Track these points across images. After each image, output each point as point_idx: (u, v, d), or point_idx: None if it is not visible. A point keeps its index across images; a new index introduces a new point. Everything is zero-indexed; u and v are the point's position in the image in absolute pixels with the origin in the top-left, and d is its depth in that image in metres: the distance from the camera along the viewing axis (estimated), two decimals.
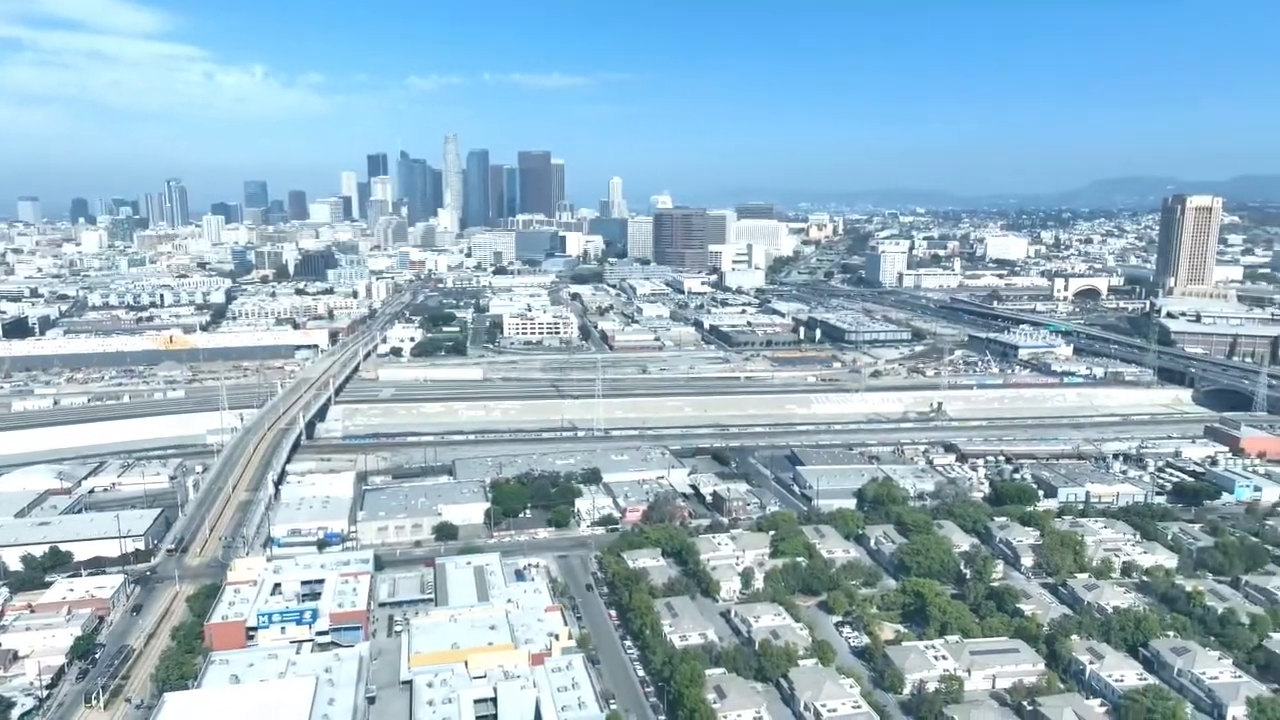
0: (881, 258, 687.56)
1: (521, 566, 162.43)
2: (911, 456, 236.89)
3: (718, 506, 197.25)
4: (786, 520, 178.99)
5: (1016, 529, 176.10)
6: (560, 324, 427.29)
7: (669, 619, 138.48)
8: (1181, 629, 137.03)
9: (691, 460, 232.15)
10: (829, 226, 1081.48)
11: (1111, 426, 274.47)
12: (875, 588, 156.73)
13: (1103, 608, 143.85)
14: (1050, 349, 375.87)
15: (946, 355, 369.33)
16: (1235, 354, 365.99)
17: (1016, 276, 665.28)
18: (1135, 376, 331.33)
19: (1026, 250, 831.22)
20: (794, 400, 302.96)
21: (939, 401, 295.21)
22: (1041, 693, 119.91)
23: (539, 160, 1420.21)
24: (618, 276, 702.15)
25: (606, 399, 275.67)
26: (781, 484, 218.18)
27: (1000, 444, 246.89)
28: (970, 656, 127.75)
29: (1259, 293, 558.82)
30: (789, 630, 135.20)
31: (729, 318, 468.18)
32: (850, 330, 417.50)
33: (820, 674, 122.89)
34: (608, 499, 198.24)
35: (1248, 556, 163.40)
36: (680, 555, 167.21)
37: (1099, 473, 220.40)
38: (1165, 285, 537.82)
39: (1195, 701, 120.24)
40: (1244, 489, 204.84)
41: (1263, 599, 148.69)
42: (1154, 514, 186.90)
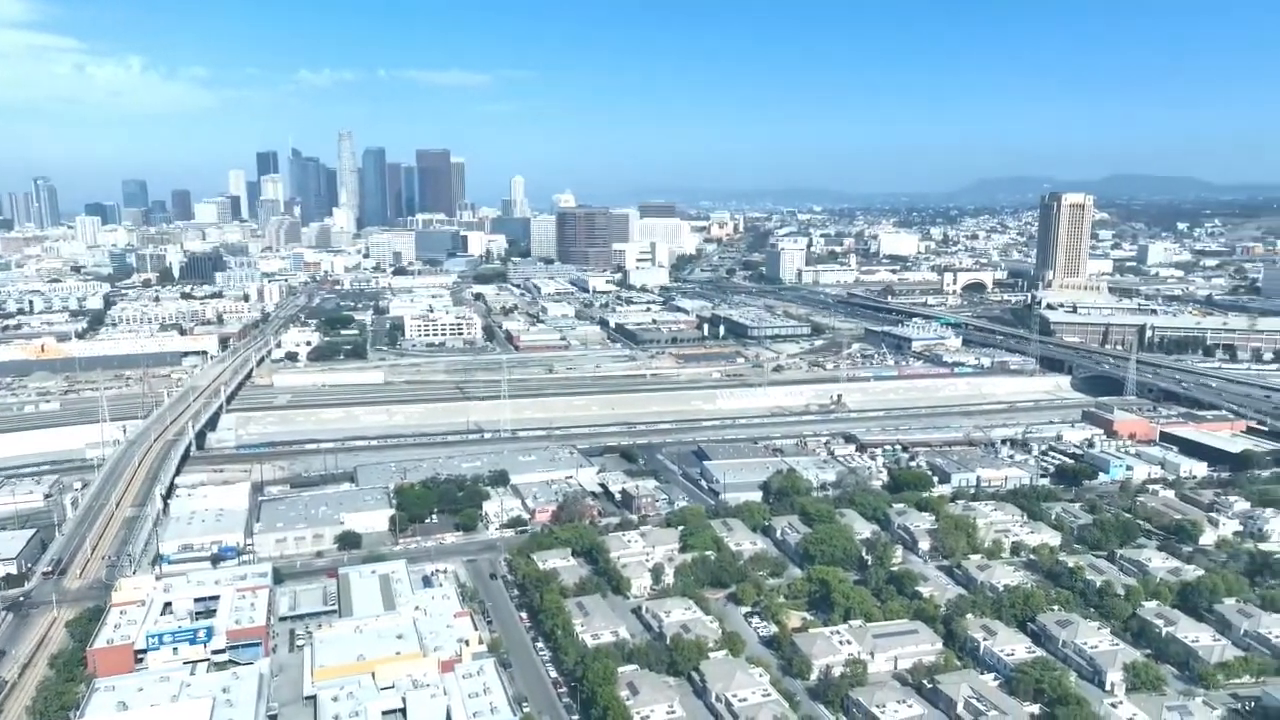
0: (781, 255, 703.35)
1: (429, 572, 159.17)
2: (814, 448, 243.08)
3: (627, 504, 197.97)
4: (695, 515, 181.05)
5: (914, 514, 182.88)
6: (464, 325, 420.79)
7: (580, 618, 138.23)
8: (1065, 603, 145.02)
9: (600, 459, 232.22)
10: (730, 224, 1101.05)
11: (999, 413, 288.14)
12: (782, 577, 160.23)
13: (994, 586, 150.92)
14: (941, 341, 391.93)
15: (845, 349, 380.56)
16: (1108, 342, 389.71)
17: (909, 272, 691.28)
18: (1019, 365, 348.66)
19: (918, 246, 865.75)
20: (700, 396, 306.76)
21: (839, 394, 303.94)
22: (940, 671, 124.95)
23: (438, 159, 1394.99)
24: (522, 276, 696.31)
25: (513, 400, 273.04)
26: (689, 479, 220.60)
27: (897, 433, 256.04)
28: (873, 640, 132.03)
29: (1128, 284, 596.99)
30: (699, 623, 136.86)
31: (634, 316, 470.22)
32: (753, 326, 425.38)
33: (731, 665, 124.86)
34: (516, 500, 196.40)
35: (1122, 532, 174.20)
36: (590, 554, 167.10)
37: (988, 458, 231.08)
38: (1044, 278, 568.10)
39: (1078, 670, 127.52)
40: (1118, 468, 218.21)
41: (1135, 570, 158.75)
42: (1039, 495, 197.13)
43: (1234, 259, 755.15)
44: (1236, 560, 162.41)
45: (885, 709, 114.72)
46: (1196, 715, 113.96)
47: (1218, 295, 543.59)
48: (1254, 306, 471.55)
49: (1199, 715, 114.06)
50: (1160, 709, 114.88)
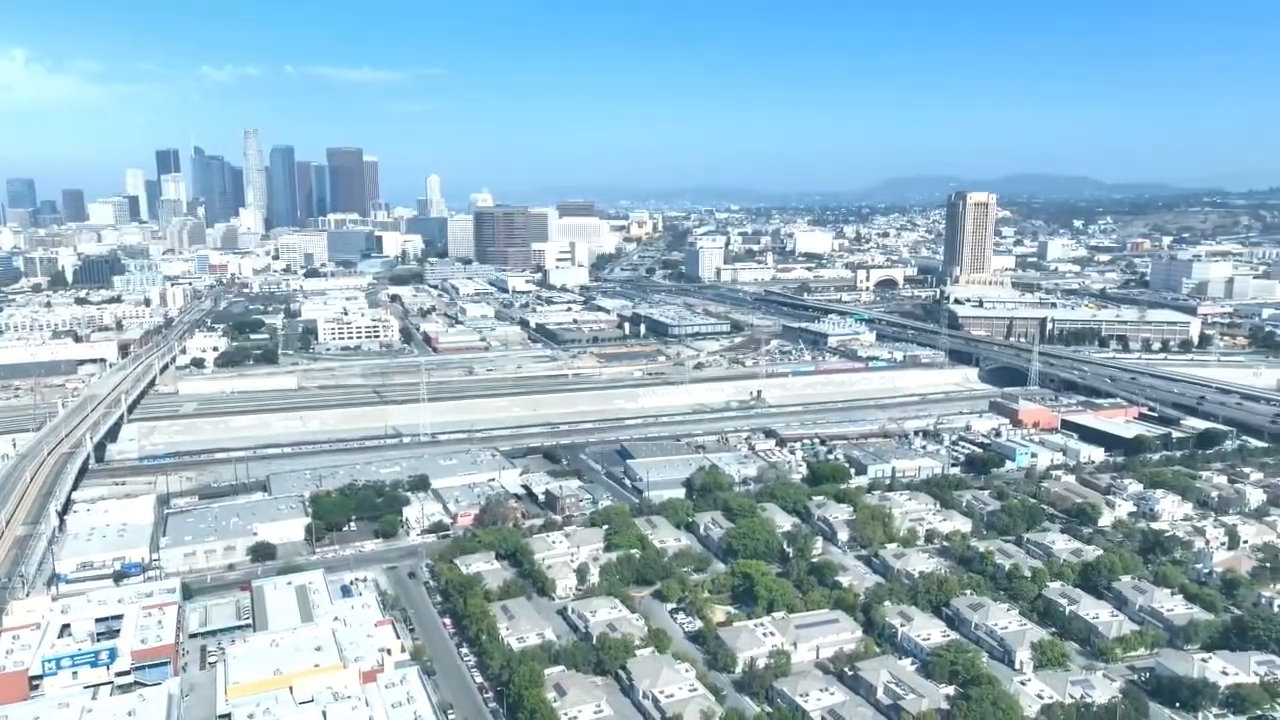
0: (700, 253, 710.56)
1: (348, 582, 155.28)
2: (735, 443, 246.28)
3: (551, 505, 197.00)
4: (619, 514, 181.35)
5: (832, 506, 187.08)
6: (380, 327, 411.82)
7: (505, 622, 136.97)
8: (977, 587, 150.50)
9: (523, 460, 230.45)
10: (649, 223, 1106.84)
11: (911, 406, 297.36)
12: (706, 573, 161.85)
13: (910, 574, 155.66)
14: (856, 336, 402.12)
15: (763, 345, 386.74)
16: (1012, 335, 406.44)
17: (824, 269, 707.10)
18: (930, 359, 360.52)
19: (832, 244, 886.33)
20: (622, 395, 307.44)
21: (758, 390, 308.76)
22: (860, 658, 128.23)
23: (350, 157, 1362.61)
24: (439, 277, 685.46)
25: (432, 403, 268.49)
26: (613, 478, 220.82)
27: (815, 427, 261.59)
28: (796, 630, 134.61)
29: (1029, 279, 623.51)
30: (625, 622, 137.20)
31: (555, 316, 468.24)
32: (673, 324, 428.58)
33: (657, 662, 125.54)
34: (437, 505, 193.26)
35: (1028, 516, 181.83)
36: (515, 556, 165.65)
37: (902, 449, 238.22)
38: (952, 275, 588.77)
39: (990, 650, 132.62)
40: (1023, 456, 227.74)
41: (1041, 553, 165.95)
42: (950, 484, 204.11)
43: (1125, 254, 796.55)
44: (1131, 539, 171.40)
45: (808, 698, 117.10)
46: (1097, 688, 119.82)
47: (1111, 289, 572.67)
48: (1143, 299, 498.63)
49: (1099, 688, 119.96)
50: (1065, 684, 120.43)
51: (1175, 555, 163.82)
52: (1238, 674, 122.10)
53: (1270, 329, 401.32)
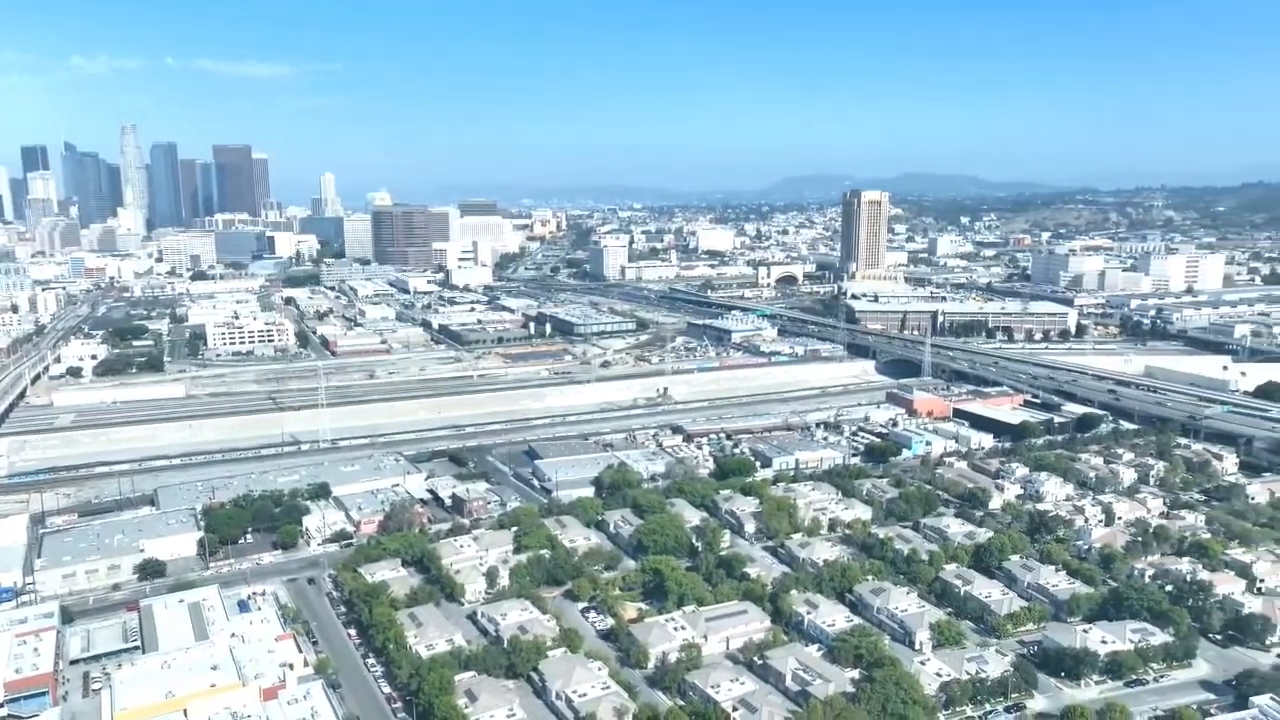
0: (604, 252, 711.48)
1: (245, 596, 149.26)
2: (643, 440, 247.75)
3: (458, 508, 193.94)
4: (528, 515, 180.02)
5: (739, 499, 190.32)
6: (274, 331, 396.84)
7: (414, 629, 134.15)
8: (878, 572, 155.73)
9: (428, 464, 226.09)
10: (553, 222, 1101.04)
11: (813, 398, 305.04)
12: (617, 570, 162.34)
13: (815, 562, 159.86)
14: (758, 332, 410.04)
15: (669, 343, 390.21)
16: (906, 328, 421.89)
17: (726, 266, 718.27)
18: (830, 353, 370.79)
19: (733, 242, 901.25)
20: (529, 395, 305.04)
21: (665, 386, 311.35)
22: (769, 647, 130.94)
23: (238, 155, 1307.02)
24: (336, 278, 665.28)
25: (332, 408, 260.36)
26: (521, 479, 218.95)
27: (721, 422, 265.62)
28: (706, 623, 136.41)
29: (921, 274, 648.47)
30: (537, 623, 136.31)
31: (458, 316, 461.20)
32: (579, 323, 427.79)
33: (569, 661, 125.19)
34: (339, 513, 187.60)
35: (924, 502, 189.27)
36: (422, 562, 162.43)
37: (805, 441, 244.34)
38: (849, 270, 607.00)
39: (891, 633, 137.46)
40: (918, 444, 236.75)
41: (937, 537, 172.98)
42: (851, 474, 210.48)
43: (1008, 250, 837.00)
44: (1019, 520, 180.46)
45: (719, 689, 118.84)
46: (991, 663, 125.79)
47: (996, 283, 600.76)
48: (1025, 292, 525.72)
49: (993, 663, 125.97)
50: (961, 661, 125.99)
51: (1058, 534, 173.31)
52: (1115, 642, 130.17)
53: (1138, 319, 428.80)
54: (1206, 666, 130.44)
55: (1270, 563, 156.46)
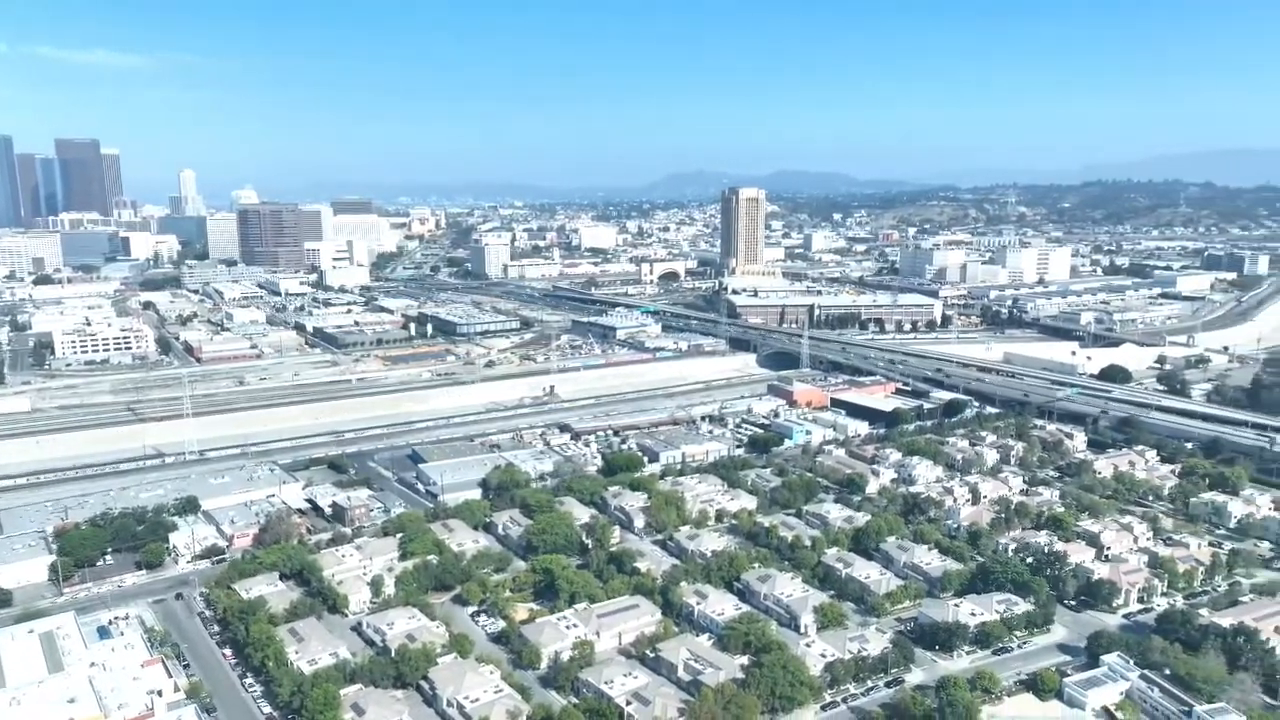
0: (486, 250, 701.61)
1: (106, 622, 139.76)
2: (530, 440, 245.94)
3: (339, 517, 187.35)
4: (413, 520, 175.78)
5: (628, 495, 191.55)
6: (132, 337, 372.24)
7: (295, 645, 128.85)
8: (764, 560, 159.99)
9: (306, 472, 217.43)
10: (431, 220, 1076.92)
11: (698, 392, 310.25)
12: (507, 572, 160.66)
13: (703, 553, 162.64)
14: (643, 328, 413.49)
15: (554, 340, 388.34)
16: (784, 322, 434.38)
17: (609, 264, 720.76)
18: (713, 347, 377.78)
19: (616, 239, 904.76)
20: (411, 398, 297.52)
21: (551, 385, 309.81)
22: (660, 639, 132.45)
23: (85, 149, 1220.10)
24: (200, 280, 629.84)
25: (198, 417, 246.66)
26: (405, 484, 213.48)
27: (608, 419, 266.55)
28: (598, 620, 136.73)
29: (797, 269, 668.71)
30: (425, 630, 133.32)
31: (334, 318, 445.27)
32: (461, 323, 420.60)
33: (460, 667, 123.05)
34: (210, 528, 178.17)
35: (806, 490, 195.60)
36: (302, 575, 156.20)
37: (691, 435, 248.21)
38: (729, 266, 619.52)
39: (778, 618, 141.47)
40: (799, 434, 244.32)
41: (818, 522, 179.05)
42: (736, 465, 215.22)
43: (877, 245, 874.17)
44: (894, 503, 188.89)
45: (613, 684, 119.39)
46: (871, 642, 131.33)
47: (867, 276, 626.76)
48: (895, 285, 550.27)
49: (873, 641, 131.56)
50: (844, 641, 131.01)
51: (930, 514, 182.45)
52: (983, 614, 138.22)
53: (996, 309, 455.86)
54: (1063, 631, 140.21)
55: (1115, 531, 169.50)
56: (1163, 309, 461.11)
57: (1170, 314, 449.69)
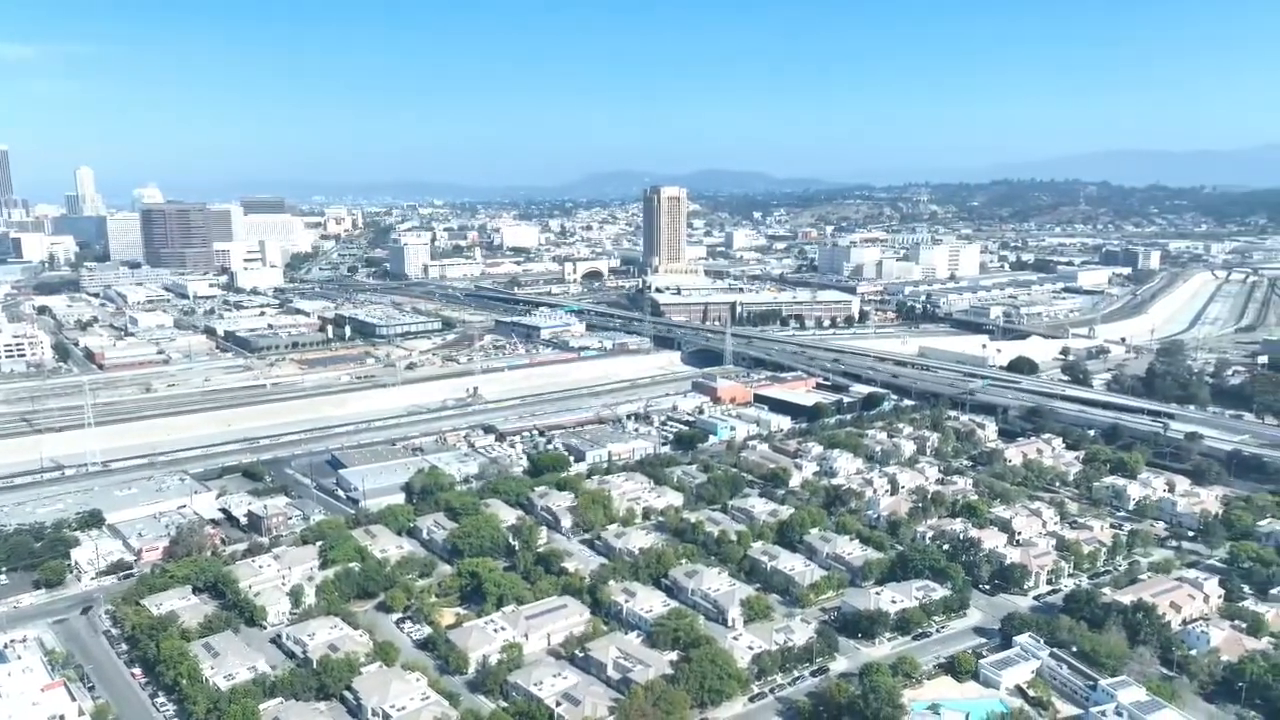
0: (405, 250, 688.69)
1: (1, 645, 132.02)
2: (454, 442, 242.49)
3: (255, 526, 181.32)
4: (334, 527, 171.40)
5: (555, 495, 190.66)
6: (26, 344, 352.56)
7: (210, 660, 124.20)
8: (691, 555, 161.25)
9: (219, 481, 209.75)
10: (348, 220, 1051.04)
11: (623, 391, 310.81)
12: (432, 576, 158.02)
13: (631, 551, 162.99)
14: (567, 327, 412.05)
15: (477, 341, 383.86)
16: (707, 319, 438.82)
17: (532, 263, 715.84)
18: (637, 346, 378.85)
19: (538, 238, 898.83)
20: (330, 402, 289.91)
21: (474, 386, 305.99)
22: (590, 638, 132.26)
23: None
24: (101, 284, 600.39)
25: (101, 427, 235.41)
26: (325, 490, 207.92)
27: (533, 419, 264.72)
28: (526, 621, 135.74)
29: (719, 267, 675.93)
30: (348, 639, 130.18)
31: (247, 321, 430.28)
32: (381, 324, 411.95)
33: (385, 676, 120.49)
34: (115, 542, 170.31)
35: (731, 485, 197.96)
36: (217, 588, 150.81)
37: (617, 433, 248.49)
38: (652, 264, 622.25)
39: (706, 613, 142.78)
40: (724, 430, 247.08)
41: (744, 517, 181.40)
42: (662, 462, 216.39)
43: (797, 242, 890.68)
44: (817, 496, 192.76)
45: (542, 686, 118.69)
46: (797, 632, 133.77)
47: (788, 274, 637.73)
48: (814, 282, 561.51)
49: (799, 631, 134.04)
50: (771, 633, 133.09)
51: (851, 506, 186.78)
52: (903, 601, 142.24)
53: (911, 304, 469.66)
54: (979, 614, 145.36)
55: (1025, 517, 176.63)
56: (1065, 303, 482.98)
57: (1072, 307, 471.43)
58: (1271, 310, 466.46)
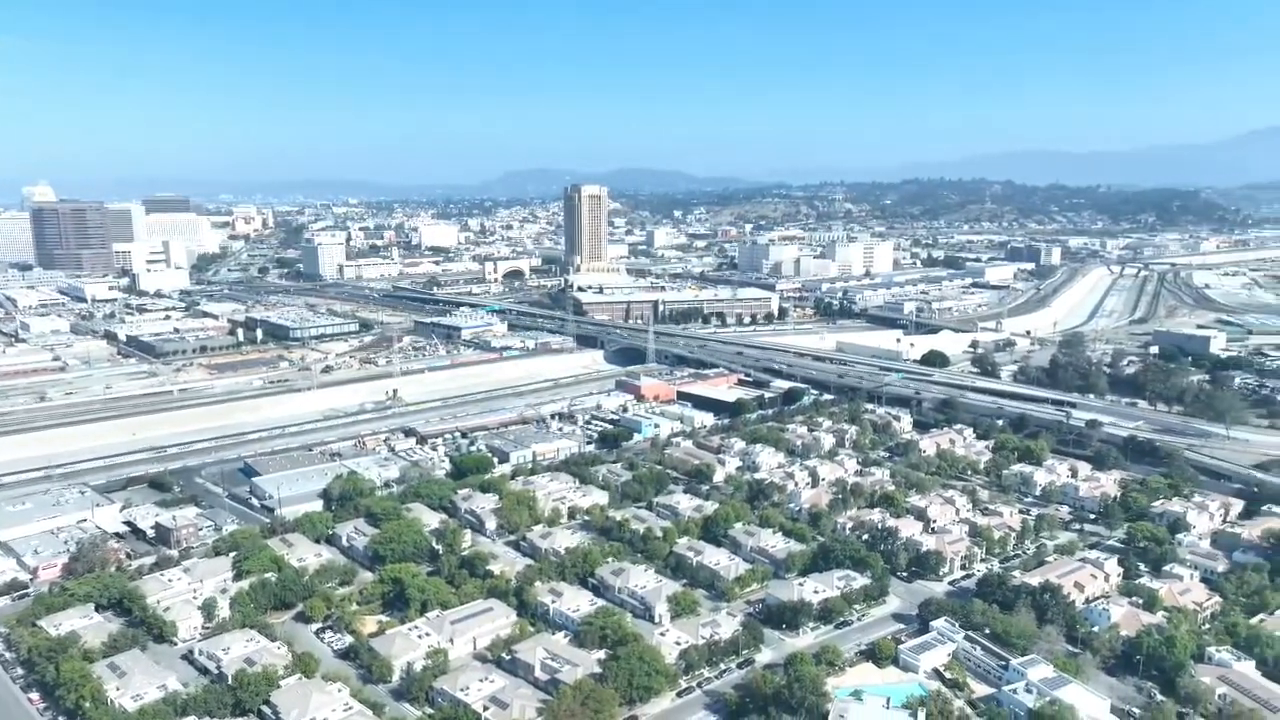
0: (319, 250, 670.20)
1: None
2: (374, 446, 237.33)
3: (164, 539, 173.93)
4: (248, 536, 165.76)
5: (479, 497, 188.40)
6: None
7: (115, 681, 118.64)
8: (618, 554, 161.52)
9: (124, 493, 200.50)
10: (258, 219, 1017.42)
11: (546, 391, 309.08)
12: (353, 584, 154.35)
13: (557, 551, 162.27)
14: (488, 327, 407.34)
15: (396, 343, 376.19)
16: (630, 318, 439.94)
17: (452, 262, 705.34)
18: (560, 345, 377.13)
19: (458, 238, 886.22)
20: (242, 407, 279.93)
21: (394, 388, 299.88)
22: (516, 641, 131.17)
23: None
24: None
25: None
26: (238, 499, 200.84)
27: (455, 421, 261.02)
28: (451, 626, 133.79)
29: (641, 266, 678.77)
30: (266, 652, 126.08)
31: (151, 325, 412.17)
32: (295, 327, 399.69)
33: (305, 688, 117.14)
34: (9, 560, 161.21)
35: (656, 482, 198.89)
36: (122, 604, 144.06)
37: (541, 433, 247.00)
38: (574, 263, 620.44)
39: (633, 610, 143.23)
40: (648, 428, 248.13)
41: (669, 513, 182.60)
42: (587, 461, 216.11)
43: (717, 240, 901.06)
44: (740, 490, 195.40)
45: (469, 690, 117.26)
46: (723, 626, 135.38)
47: (708, 272, 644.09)
48: (734, 280, 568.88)
49: (724, 625, 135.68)
50: (697, 628, 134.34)
51: (774, 499, 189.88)
52: (825, 591, 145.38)
53: (829, 300, 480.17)
54: (897, 601, 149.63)
55: (940, 505, 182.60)
56: (974, 297, 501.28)
57: (981, 302, 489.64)
58: (1161, 303, 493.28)
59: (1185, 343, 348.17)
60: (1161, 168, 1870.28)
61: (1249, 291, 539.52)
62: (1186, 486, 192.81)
